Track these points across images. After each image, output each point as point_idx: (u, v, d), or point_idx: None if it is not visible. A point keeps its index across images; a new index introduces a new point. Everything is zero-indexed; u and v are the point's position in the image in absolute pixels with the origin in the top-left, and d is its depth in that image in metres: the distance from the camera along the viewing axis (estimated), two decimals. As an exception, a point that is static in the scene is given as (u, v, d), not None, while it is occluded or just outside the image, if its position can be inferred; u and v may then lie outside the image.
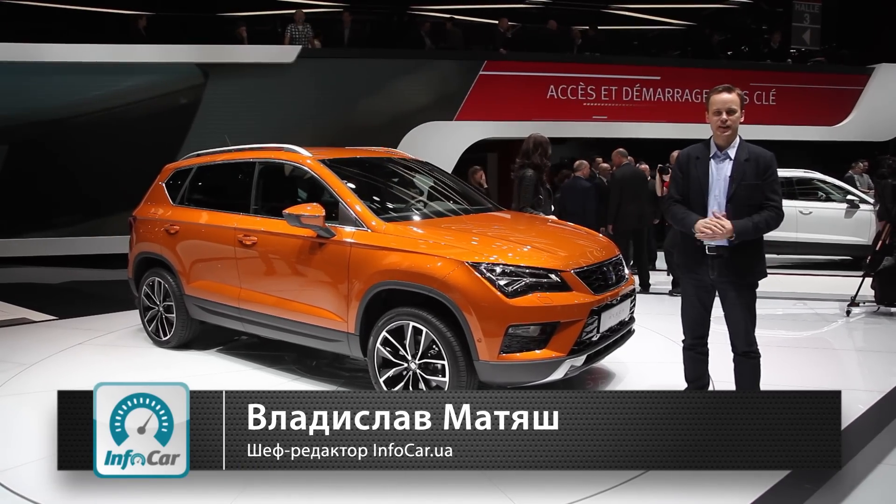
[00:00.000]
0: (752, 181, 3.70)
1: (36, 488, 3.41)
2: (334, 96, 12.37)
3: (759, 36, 16.67)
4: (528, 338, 3.94)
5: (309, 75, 12.25)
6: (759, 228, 3.66)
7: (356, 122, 12.36)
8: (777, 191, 3.73)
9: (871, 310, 7.28)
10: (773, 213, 3.68)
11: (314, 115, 12.21)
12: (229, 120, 10.94)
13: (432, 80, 12.93)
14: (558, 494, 3.27)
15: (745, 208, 3.69)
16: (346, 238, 4.54)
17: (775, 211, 3.69)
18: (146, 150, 10.74)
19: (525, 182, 6.37)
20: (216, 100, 11.74)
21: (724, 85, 3.79)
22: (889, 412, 4.41)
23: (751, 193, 3.70)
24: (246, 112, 11.63)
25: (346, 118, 12.35)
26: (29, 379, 5.23)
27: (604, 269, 4.44)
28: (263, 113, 11.80)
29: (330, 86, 12.35)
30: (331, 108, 12.37)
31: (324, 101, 12.32)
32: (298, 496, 3.29)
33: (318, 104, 12.26)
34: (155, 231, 6.03)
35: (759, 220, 3.66)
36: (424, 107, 12.73)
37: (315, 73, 12.33)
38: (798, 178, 10.98)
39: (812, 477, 3.42)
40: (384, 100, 12.60)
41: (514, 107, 13.11)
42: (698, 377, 4.12)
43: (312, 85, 12.29)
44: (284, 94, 12.09)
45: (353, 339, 4.50)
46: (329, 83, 12.37)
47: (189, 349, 5.92)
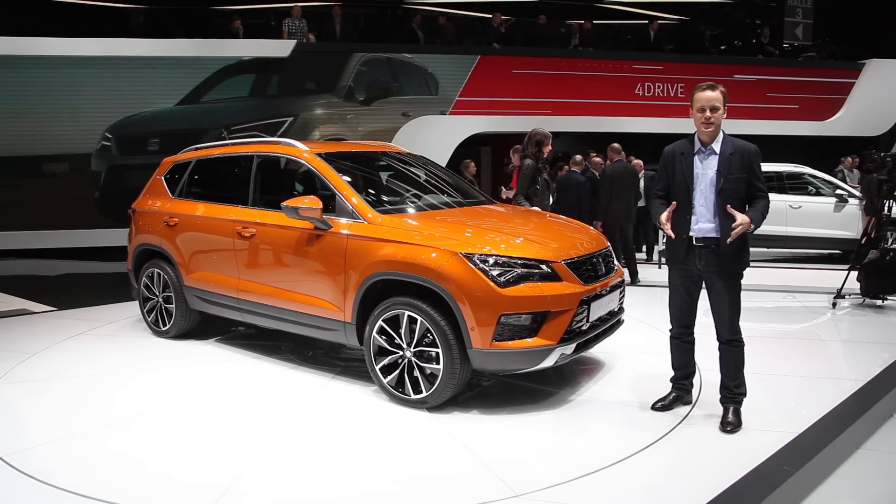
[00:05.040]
0: (738, 174, 3.84)
1: (41, 469, 3.54)
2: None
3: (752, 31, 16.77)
4: (519, 326, 4.06)
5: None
6: (763, 215, 3.84)
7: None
8: (762, 179, 3.90)
9: (856, 302, 7.42)
10: (765, 200, 3.87)
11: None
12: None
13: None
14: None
15: (733, 200, 3.82)
16: (343, 230, 4.65)
17: (766, 198, 3.88)
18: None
19: (522, 170, 6.52)
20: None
21: (708, 82, 3.93)
22: (869, 400, 4.54)
23: (737, 186, 3.84)
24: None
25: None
26: (32, 367, 5.32)
27: (594, 261, 4.56)
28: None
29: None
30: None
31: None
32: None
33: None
34: (154, 223, 6.12)
35: (762, 209, 3.84)
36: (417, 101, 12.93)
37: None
38: (788, 172, 11.09)
39: (791, 460, 3.55)
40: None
41: (507, 101, 13.21)
42: (684, 365, 4.25)
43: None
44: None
45: (350, 329, 4.61)
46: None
47: (188, 339, 6.02)
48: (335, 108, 12.43)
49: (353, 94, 12.47)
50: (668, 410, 4.24)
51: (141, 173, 11.46)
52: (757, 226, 3.82)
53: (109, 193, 11.80)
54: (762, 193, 3.86)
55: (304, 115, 12.27)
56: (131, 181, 11.44)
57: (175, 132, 11.65)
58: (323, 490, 3.32)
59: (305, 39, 12.59)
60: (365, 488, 3.33)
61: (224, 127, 11.71)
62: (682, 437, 3.91)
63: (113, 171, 11.81)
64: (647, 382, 4.72)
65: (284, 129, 11.96)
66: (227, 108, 12.12)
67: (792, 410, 4.36)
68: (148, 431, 4.05)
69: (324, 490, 3.32)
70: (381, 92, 12.57)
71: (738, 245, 3.87)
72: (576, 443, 3.89)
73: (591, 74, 13.86)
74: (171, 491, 3.32)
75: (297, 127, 12.06)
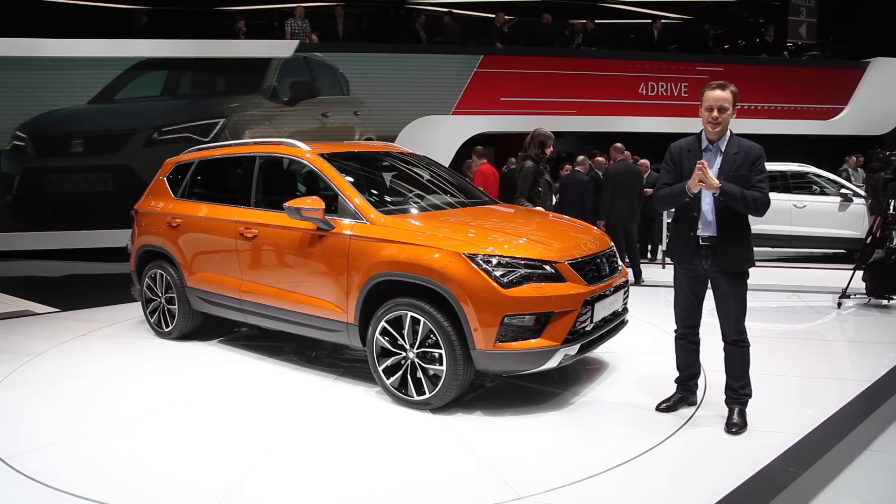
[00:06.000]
0: (741, 171, 3.80)
1: (43, 471, 3.53)
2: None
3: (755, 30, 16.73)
4: (523, 327, 4.03)
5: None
6: (745, 200, 3.73)
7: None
8: (764, 180, 3.82)
9: (861, 302, 7.39)
10: (759, 194, 3.77)
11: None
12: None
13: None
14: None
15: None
16: (346, 230, 4.63)
17: (762, 193, 3.78)
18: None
19: (523, 173, 6.49)
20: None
21: (718, 82, 3.89)
22: (876, 400, 4.51)
23: (739, 182, 3.79)
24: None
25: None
26: (35, 369, 5.32)
27: (597, 261, 4.53)
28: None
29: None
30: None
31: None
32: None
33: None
34: (157, 224, 6.11)
35: (747, 193, 3.74)
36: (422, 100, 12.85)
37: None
38: (792, 171, 11.04)
39: (797, 461, 3.53)
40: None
41: (510, 101, 13.19)
42: (689, 366, 4.23)
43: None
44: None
45: (353, 329, 4.60)
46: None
47: (190, 340, 6.01)
48: (264, 108, 12.13)
49: (278, 94, 12.20)
50: (672, 411, 4.21)
51: (64, 177, 11.38)
52: (727, 199, 3.72)
53: (24, 198, 11.40)
54: (760, 188, 3.77)
55: (235, 117, 11.94)
56: (52, 185, 11.38)
57: (102, 133, 11.39)
58: (325, 492, 3.30)
59: (308, 40, 12.60)
60: (368, 491, 3.32)
61: (154, 128, 11.42)
62: (687, 439, 3.88)
63: (29, 173, 11.35)
64: (651, 383, 4.70)
65: (217, 130, 11.63)
66: (156, 108, 11.78)
67: (797, 411, 4.34)
68: (150, 433, 4.04)
69: (326, 492, 3.30)
70: (304, 92, 12.35)
71: (741, 243, 3.84)
72: (580, 444, 3.87)
73: (595, 74, 13.84)
74: (174, 493, 3.30)
75: (230, 128, 11.74)
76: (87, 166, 11.49)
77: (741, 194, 3.72)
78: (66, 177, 11.55)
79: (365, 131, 12.62)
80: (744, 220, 3.88)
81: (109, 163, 11.45)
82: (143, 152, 11.37)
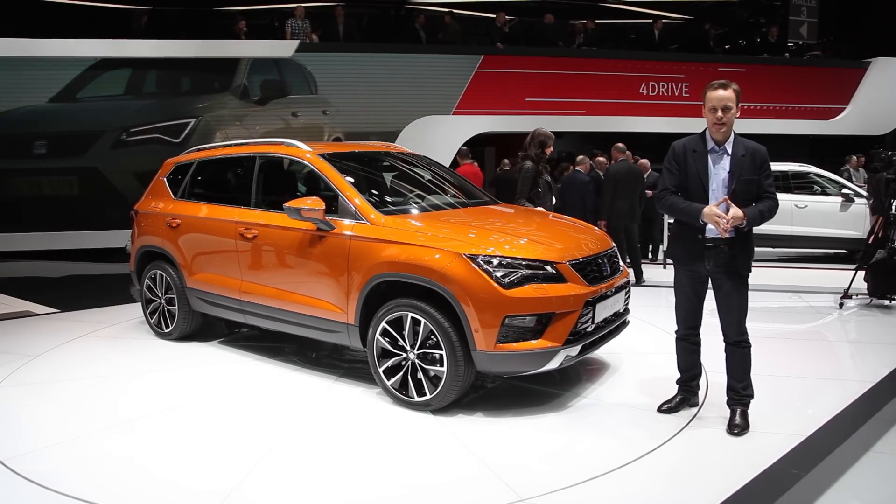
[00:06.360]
0: (750, 175, 3.79)
1: (42, 473, 3.51)
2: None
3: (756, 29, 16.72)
4: (524, 328, 4.02)
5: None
6: (763, 216, 3.78)
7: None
8: (772, 182, 3.85)
9: (863, 302, 7.37)
10: (772, 202, 3.81)
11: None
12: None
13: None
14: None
15: (744, 201, 3.77)
16: (346, 231, 4.62)
17: (774, 200, 3.82)
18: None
19: (523, 174, 6.47)
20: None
21: (721, 81, 3.86)
22: (878, 401, 4.49)
23: (748, 188, 3.79)
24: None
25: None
26: (35, 370, 5.30)
27: (598, 262, 4.52)
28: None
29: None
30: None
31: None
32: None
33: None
34: (157, 225, 6.10)
35: (763, 208, 3.78)
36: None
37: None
38: (794, 171, 11.03)
39: (800, 463, 3.51)
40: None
41: (511, 101, 13.18)
42: (690, 367, 4.22)
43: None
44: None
45: (353, 330, 4.58)
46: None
47: (191, 341, 5.99)
48: (235, 108, 11.98)
49: (248, 93, 12.07)
50: (674, 413, 4.20)
51: (25, 180, 10.94)
52: (752, 223, 3.76)
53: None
54: (770, 195, 3.82)
55: (206, 117, 11.72)
56: (13, 188, 11.04)
57: (67, 133, 11.09)
58: (326, 494, 3.29)
59: (308, 40, 12.59)
60: (368, 492, 3.30)
61: (122, 129, 11.18)
62: (688, 440, 3.87)
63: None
64: (652, 384, 4.68)
65: (189, 130, 11.43)
66: (123, 108, 11.49)
67: (799, 412, 4.32)
68: (150, 434, 4.03)
69: (326, 494, 3.29)
70: (275, 91, 12.23)
71: (745, 243, 3.83)
72: (581, 446, 3.85)
73: (595, 74, 13.82)
74: (173, 495, 3.29)
75: (202, 129, 11.54)
76: (51, 168, 11.19)
77: (759, 214, 3.76)
78: (29, 181, 11.23)
79: (333, 131, 12.50)
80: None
81: (76, 165, 11.18)
82: (111, 154, 11.19)
